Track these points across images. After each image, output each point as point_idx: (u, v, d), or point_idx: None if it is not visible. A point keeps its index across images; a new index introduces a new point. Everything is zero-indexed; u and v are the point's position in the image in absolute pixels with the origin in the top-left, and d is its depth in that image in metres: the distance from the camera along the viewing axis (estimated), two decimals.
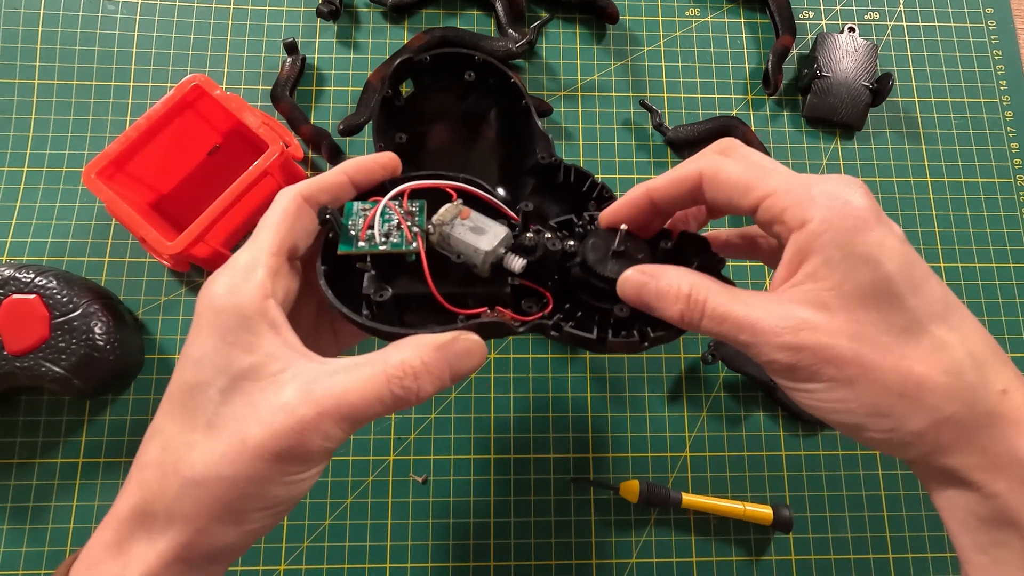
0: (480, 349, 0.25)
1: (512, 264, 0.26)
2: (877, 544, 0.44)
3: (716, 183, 0.25)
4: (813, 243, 0.22)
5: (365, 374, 0.22)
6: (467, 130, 0.44)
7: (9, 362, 0.39)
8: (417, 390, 0.23)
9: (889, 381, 0.21)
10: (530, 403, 0.46)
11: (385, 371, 0.23)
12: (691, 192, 0.26)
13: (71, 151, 0.49)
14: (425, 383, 0.23)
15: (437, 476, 0.44)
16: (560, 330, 0.26)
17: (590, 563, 0.43)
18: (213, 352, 0.22)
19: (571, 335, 0.26)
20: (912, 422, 0.21)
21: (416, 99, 0.43)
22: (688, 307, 0.24)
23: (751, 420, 0.46)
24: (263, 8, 0.52)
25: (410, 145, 0.42)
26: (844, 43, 0.52)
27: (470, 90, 0.42)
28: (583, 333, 0.26)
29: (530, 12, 0.53)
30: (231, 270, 0.24)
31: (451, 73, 0.42)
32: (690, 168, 0.26)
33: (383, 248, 0.25)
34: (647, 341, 0.26)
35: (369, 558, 0.43)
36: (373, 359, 0.23)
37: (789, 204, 0.23)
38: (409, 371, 0.23)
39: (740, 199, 0.24)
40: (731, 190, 0.24)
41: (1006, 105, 0.53)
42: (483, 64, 0.41)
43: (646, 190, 0.27)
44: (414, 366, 0.23)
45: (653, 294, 0.25)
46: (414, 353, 0.23)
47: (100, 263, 0.47)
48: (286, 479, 0.22)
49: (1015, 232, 0.51)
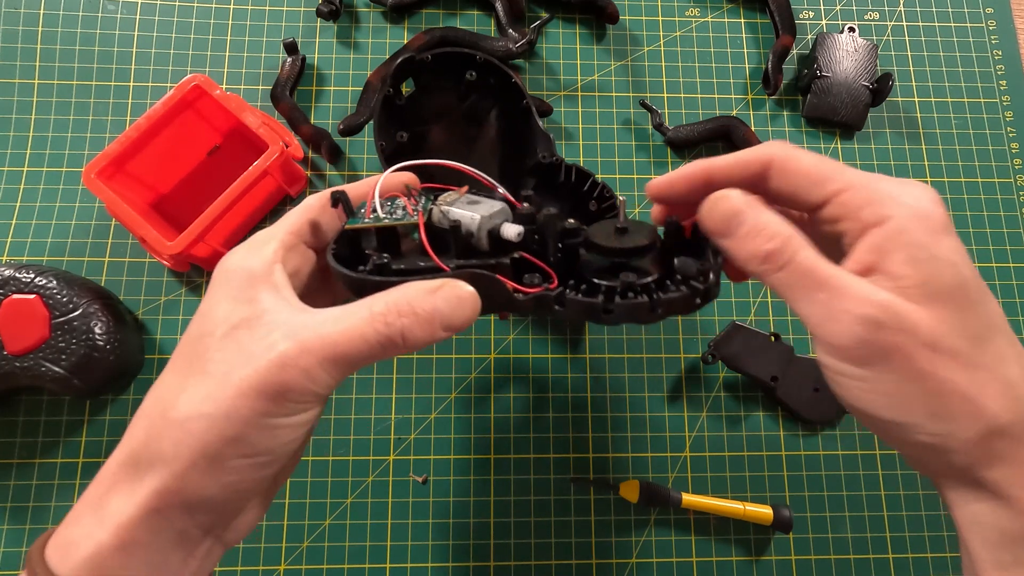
0: (471, 298, 0.24)
1: (509, 232, 0.26)
2: (877, 544, 0.44)
3: (786, 170, 0.24)
4: (896, 240, 0.22)
5: (350, 313, 0.23)
6: (468, 129, 0.44)
7: (9, 362, 0.39)
8: (402, 330, 0.23)
9: (957, 383, 0.21)
10: (530, 403, 0.46)
11: (371, 310, 0.23)
12: (756, 176, 0.25)
13: (71, 151, 0.49)
14: (411, 324, 0.23)
15: (437, 476, 0.44)
16: (563, 301, 0.24)
17: (590, 563, 0.43)
18: (217, 307, 0.24)
19: (576, 303, 0.24)
20: (968, 428, 0.21)
21: (417, 98, 0.43)
22: (780, 249, 0.22)
23: (751, 420, 0.46)
24: (263, 8, 0.52)
25: (411, 144, 0.42)
26: (844, 43, 0.52)
27: (471, 89, 0.42)
28: (588, 299, 0.24)
29: (530, 12, 0.53)
30: (248, 242, 0.26)
31: (452, 72, 0.42)
32: (761, 152, 0.25)
33: (386, 221, 0.26)
34: (659, 307, 0.24)
35: (369, 558, 0.43)
36: (362, 303, 0.23)
37: (869, 201, 0.22)
38: (393, 309, 0.23)
39: (811, 190, 0.24)
40: (803, 179, 0.24)
41: (1006, 105, 0.53)
42: (484, 63, 0.41)
43: (707, 166, 0.26)
44: (399, 305, 0.23)
45: (748, 224, 0.23)
46: (401, 295, 0.23)
47: (100, 263, 0.47)
48: (267, 421, 0.22)
49: (1015, 232, 0.51)
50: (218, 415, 0.21)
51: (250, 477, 0.23)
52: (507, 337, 0.47)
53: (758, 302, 0.48)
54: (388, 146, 0.41)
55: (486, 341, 0.47)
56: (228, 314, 0.23)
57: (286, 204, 0.49)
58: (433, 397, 0.46)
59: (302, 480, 0.44)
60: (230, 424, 0.21)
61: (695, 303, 0.24)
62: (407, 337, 0.23)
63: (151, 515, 0.22)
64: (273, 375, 0.21)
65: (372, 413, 0.45)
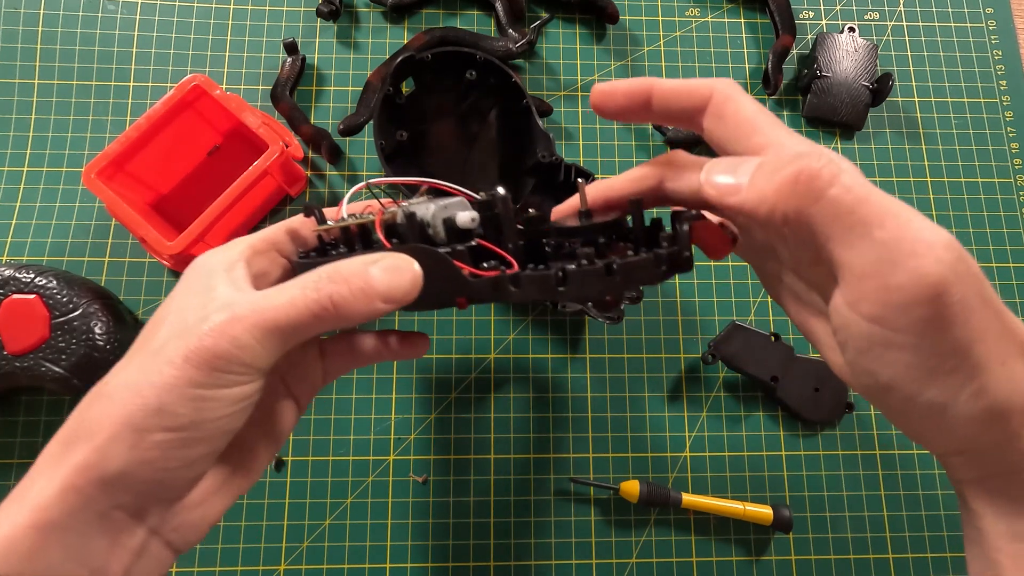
0: (408, 266, 0.23)
1: (463, 219, 0.25)
2: (877, 544, 0.44)
3: (723, 112, 0.23)
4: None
5: (286, 285, 0.23)
6: (468, 129, 0.44)
7: (9, 362, 0.39)
8: (331, 295, 0.22)
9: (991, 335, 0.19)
10: (530, 403, 0.46)
11: (304, 280, 0.23)
12: (695, 108, 0.24)
13: (71, 151, 0.49)
14: (342, 291, 0.22)
15: (437, 476, 0.44)
16: (518, 281, 0.23)
17: (590, 563, 0.43)
18: (175, 298, 0.24)
19: (530, 280, 0.23)
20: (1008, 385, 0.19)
21: (417, 98, 0.43)
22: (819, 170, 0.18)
23: (751, 420, 0.46)
24: (263, 8, 0.52)
25: (411, 143, 0.42)
26: (844, 43, 0.52)
27: (471, 89, 0.42)
28: (542, 273, 0.23)
29: (530, 12, 0.53)
30: (222, 245, 0.27)
31: (452, 72, 0.42)
32: (705, 84, 0.23)
33: (349, 221, 0.26)
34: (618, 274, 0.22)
35: (369, 558, 0.43)
36: (299, 277, 0.23)
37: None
38: (324, 276, 0.23)
39: (743, 140, 0.22)
40: (737, 128, 0.22)
41: (1006, 105, 0.53)
42: (484, 63, 0.41)
43: (650, 84, 0.24)
44: (330, 273, 0.23)
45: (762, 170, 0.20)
46: (334, 265, 0.23)
47: (100, 263, 0.47)
48: (193, 392, 0.21)
49: (1015, 232, 0.51)
50: (143, 383, 0.21)
51: (175, 455, 0.22)
52: (507, 337, 0.47)
53: (758, 302, 0.48)
54: (388, 145, 0.41)
55: (486, 341, 0.47)
56: (182, 302, 0.24)
57: (286, 204, 0.49)
58: (433, 397, 0.46)
59: (302, 480, 0.44)
60: (154, 392, 0.21)
61: (660, 270, 0.22)
62: (338, 303, 0.22)
63: (68, 492, 0.21)
64: (202, 343, 0.21)
65: (372, 413, 0.45)
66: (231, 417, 0.22)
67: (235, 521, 0.43)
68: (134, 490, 0.21)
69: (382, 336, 0.30)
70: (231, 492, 0.25)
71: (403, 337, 0.30)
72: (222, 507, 0.25)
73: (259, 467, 0.27)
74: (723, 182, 0.21)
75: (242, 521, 0.43)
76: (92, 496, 0.21)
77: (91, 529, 0.21)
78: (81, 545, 0.21)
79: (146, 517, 0.22)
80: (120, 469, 0.21)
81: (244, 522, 0.43)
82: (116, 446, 0.21)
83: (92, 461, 0.21)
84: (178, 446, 0.21)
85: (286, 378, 0.29)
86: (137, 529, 0.22)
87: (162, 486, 0.22)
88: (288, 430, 0.28)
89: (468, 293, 0.24)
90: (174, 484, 0.23)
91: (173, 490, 0.23)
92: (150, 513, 0.22)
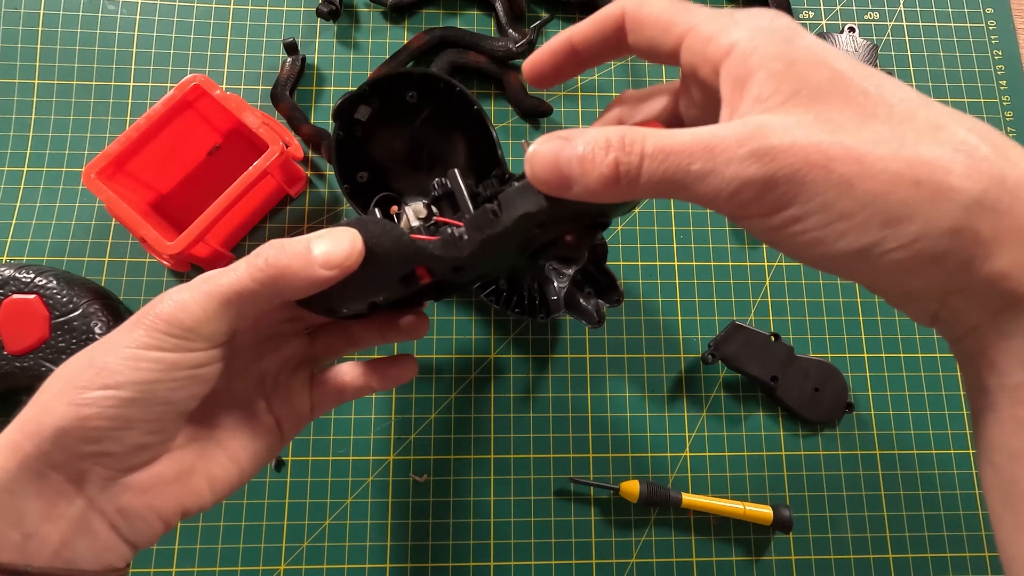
0: (349, 235, 0.24)
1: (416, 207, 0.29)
2: (877, 544, 0.44)
3: (638, 21, 0.23)
4: (748, 62, 0.19)
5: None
6: (432, 147, 0.43)
7: (9, 362, 0.39)
8: (267, 257, 0.23)
9: (897, 170, 0.17)
10: (530, 403, 0.46)
11: (250, 254, 0.24)
12: (615, 36, 0.24)
13: (71, 151, 0.49)
14: (280, 255, 0.23)
15: (437, 476, 0.44)
16: (464, 232, 0.24)
17: (590, 563, 0.43)
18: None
19: (471, 223, 0.24)
20: (940, 216, 0.17)
21: (371, 129, 0.41)
22: (624, 151, 0.19)
23: (751, 420, 0.46)
24: (263, 8, 0.52)
25: (373, 179, 0.42)
26: (844, 43, 0.52)
27: (422, 106, 0.41)
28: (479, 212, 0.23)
29: (530, 12, 0.53)
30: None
31: (398, 95, 0.41)
32: (613, 7, 0.23)
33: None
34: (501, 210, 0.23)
35: (369, 558, 0.43)
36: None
37: (712, 33, 0.20)
38: (266, 246, 0.24)
39: (661, 38, 0.22)
40: (651, 28, 0.22)
41: (1006, 105, 0.53)
42: (423, 79, 0.40)
43: (567, 34, 0.25)
44: (272, 242, 0.24)
45: (575, 160, 0.20)
46: (280, 239, 0.24)
47: (100, 263, 0.47)
48: (131, 351, 0.22)
49: None
50: (94, 347, 0.23)
51: (110, 413, 0.22)
52: (507, 337, 0.47)
53: (758, 302, 0.48)
54: (352, 190, 0.41)
55: (486, 341, 0.47)
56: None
57: (286, 204, 0.49)
58: (433, 397, 0.46)
59: (302, 480, 0.44)
60: (98, 349, 0.23)
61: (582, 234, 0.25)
62: (274, 265, 0.23)
63: (5, 449, 0.21)
64: (151, 308, 0.23)
65: (372, 413, 0.45)
66: (171, 384, 0.23)
67: (235, 521, 0.43)
68: (70, 450, 0.22)
69: (368, 365, 0.31)
70: (188, 493, 0.25)
71: (390, 362, 0.31)
72: (175, 505, 0.24)
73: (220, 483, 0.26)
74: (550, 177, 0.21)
75: (242, 521, 0.43)
76: (28, 452, 0.21)
77: (26, 488, 0.21)
78: (14, 505, 0.21)
79: (84, 485, 0.22)
80: (56, 424, 0.21)
81: (244, 522, 0.43)
82: (55, 401, 0.22)
83: (31, 416, 0.22)
84: (114, 404, 0.22)
85: (270, 398, 0.29)
86: (76, 499, 0.22)
87: (99, 448, 0.22)
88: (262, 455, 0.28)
89: (422, 259, 0.25)
90: (113, 451, 0.22)
91: (113, 458, 0.23)
92: (88, 481, 0.22)
